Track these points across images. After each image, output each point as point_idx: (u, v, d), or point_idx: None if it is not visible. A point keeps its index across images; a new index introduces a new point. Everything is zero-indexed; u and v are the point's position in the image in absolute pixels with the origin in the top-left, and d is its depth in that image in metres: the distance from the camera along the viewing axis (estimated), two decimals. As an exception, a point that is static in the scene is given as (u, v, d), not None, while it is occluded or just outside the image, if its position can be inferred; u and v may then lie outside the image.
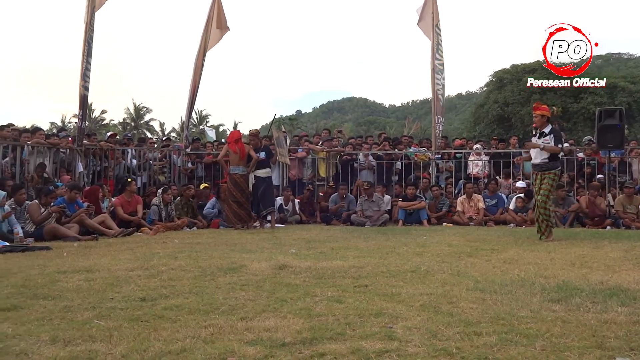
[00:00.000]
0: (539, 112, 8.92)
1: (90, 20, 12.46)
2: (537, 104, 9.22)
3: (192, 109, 16.46)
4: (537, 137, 8.88)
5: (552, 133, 8.79)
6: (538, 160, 8.84)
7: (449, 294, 4.25)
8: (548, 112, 8.99)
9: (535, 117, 8.96)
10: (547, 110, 9.01)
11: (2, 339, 3.10)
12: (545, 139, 8.74)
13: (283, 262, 5.79)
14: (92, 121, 54.32)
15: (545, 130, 8.82)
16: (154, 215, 11.56)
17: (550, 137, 8.73)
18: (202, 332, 3.22)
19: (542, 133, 8.83)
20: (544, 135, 8.80)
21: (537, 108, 9.05)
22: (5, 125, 12.47)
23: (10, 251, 7.45)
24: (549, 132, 8.79)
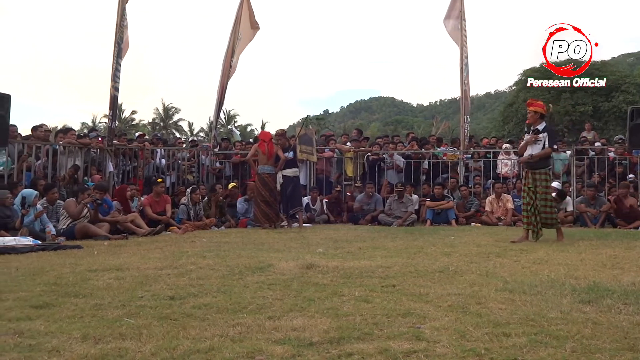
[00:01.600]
0: (533, 109, 8.67)
1: (121, 21, 12.60)
2: (531, 100, 8.97)
3: (220, 109, 16.56)
4: (530, 135, 8.61)
5: (546, 131, 8.53)
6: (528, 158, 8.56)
7: (478, 295, 4.22)
8: (543, 108, 8.74)
9: (529, 114, 8.72)
10: (542, 107, 8.76)
11: (35, 335, 3.15)
12: (539, 137, 8.48)
13: (310, 261, 5.80)
14: (122, 121, 54.95)
15: (539, 127, 8.55)
16: (182, 214, 11.65)
17: (544, 136, 8.45)
18: (230, 330, 3.23)
19: (535, 130, 8.55)
20: (537, 133, 8.52)
21: (532, 104, 8.81)
22: (37, 126, 12.67)
23: (42, 249, 7.57)
24: (542, 129, 8.53)
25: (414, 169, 14.30)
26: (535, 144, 8.44)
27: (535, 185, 8.44)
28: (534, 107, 8.70)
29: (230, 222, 12.29)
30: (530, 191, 8.49)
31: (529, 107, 8.77)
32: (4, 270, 5.67)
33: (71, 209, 9.62)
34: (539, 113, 8.63)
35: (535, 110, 8.64)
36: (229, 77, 15.28)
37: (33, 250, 7.46)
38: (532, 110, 8.67)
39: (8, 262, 6.30)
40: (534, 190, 8.44)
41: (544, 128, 8.55)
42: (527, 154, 8.56)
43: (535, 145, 8.45)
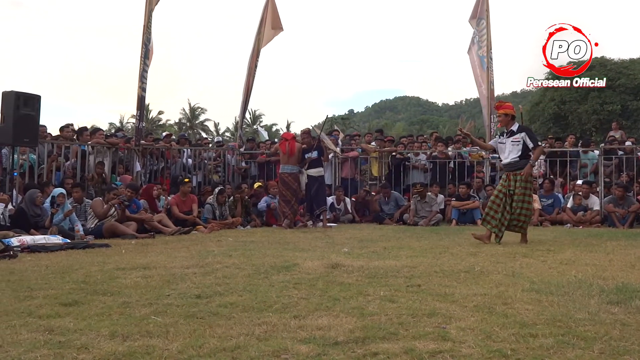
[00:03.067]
0: (502, 111, 8.41)
1: (148, 22, 12.73)
2: (499, 102, 8.69)
3: (245, 109, 16.64)
4: (505, 137, 8.35)
5: (523, 131, 8.29)
6: (508, 159, 8.29)
7: (504, 295, 4.19)
8: (512, 110, 8.46)
9: (499, 117, 8.49)
10: (511, 109, 8.47)
11: (65, 332, 3.20)
12: (516, 138, 8.19)
13: (336, 261, 5.80)
14: (149, 121, 55.44)
15: (513, 128, 8.29)
16: (208, 214, 11.72)
17: (522, 135, 8.17)
18: (256, 329, 3.25)
19: (510, 132, 8.29)
20: (512, 134, 8.25)
21: (500, 107, 8.56)
22: (65, 126, 12.86)
23: (71, 248, 7.68)
24: (517, 130, 8.27)
25: (440, 169, 14.23)
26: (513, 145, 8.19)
27: (515, 187, 8.15)
28: (503, 109, 8.44)
29: (255, 221, 12.34)
30: (504, 194, 8.23)
31: (498, 110, 8.55)
32: (34, 268, 5.77)
33: (98, 208, 9.74)
34: (510, 115, 8.36)
35: (505, 112, 8.38)
36: (254, 77, 15.35)
37: (62, 249, 7.57)
38: (502, 113, 8.42)
39: (38, 260, 6.40)
40: (512, 193, 8.16)
41: (519, 128, 8.33)
42: (506, 157, 8.32)
43: (514, 147, 8.20)
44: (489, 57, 14.31)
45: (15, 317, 3.56)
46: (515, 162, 8.19)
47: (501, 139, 8.46)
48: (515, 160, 8.20)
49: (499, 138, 8.61)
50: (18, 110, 9.46)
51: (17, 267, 5.89)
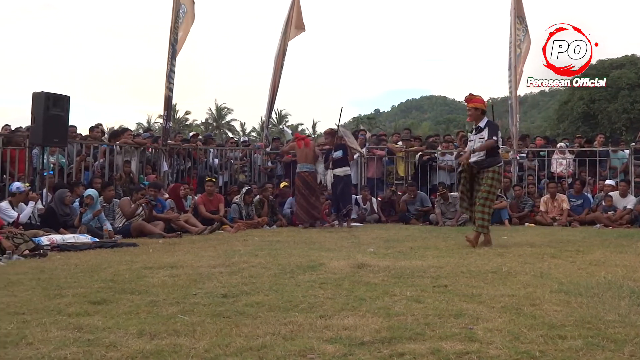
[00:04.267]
0: (472, 105, 7.98)
1: (175, 23, 12.83)
2: (470, 95, 8.18)
3: (272, 109, 16.69)
4: (473, 134, 8.06)
5: (488, 126, 7.90)
6: (474, 157, 7.90)
7: (532, 296, 4.15)
8: (483, 104, 8.12)
9: (469, 111, 8.07)
10: (482, 102, 8.10)
11: (93, 330, 3.24)
12: (482, 134, 7.85)
13: (362, 260, 5.80)
14: (176, 121, 55.89)
15: (481, 124, 7.93)
16: (234, 213, 11.78)
17: (486, 131, 7.83)
18: (282, 329, 3.26)
19: (478, 128, 7.96)
20: (480, 131, 7.90)
21: (470, 100, 8.06)
22: (94, 126, 13.01)
23: (100, 247, 7.77)
24: (484, 125, 7.90)
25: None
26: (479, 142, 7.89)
27: (480, 183, 7.86)
28: (473, 103, 8.03)
29: (281, 221, 12.37)
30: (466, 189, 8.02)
31: (468, 103, 8.10)
32: (63, 266, 5.85)
33: (125, 208, 9.84)
34: (480, 109, 8.03)
35: (475, 106, 8.01)
36: (280, 77, 15.39)
37: (91, 248, 7.67)
38: (471, 107, 8.02)
39: (68, 259, 6.49)
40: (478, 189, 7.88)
41: (486, 124, 7.95)
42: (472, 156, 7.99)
43: (479, 144, 7.90)
44: (516, 55, 14.18)
45: (45, 315, 3.62)
46: (482, 161, 7.83)
47: (470, 136, 8.19)
48: (481, 159, 7.84)
49: (469, 135, 8.33)
50: (48, 111, 9.60)
51: (47, 265, 5.98)
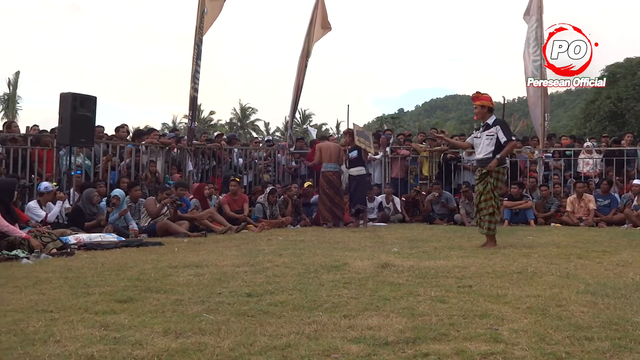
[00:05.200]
0: (479, 103, 7.85)
1: (200, 24, 12.90)
2: (477, 93, 8.04)
3: (296, 109, 16.72)
4: (480, 131, 7.87)
5: (498, 124, 7.73)
6: (481, 155, 7.78)
7: (558, 297, 4.11)
8: (490, 101, 7.96)
9: (475, 109, 7.94)
10: (489, 100, 7.94)
11: (120, 329, 3.27)
12: (490, 131, 7.69)
13: (385, 260, 5.79)
14: (201, 121, 56.23)
15: (489, 121, 7.77)
16: (258, 213, 11.82)
17: (496, 129, 7.66)
18: (306, 328, 3.27)
19: (486, 125, 7.80)
20: (487, 128, 7.75)
21: (477, 98, 7.94)
22: (120, 126, 13.14)
23: (126, 246, 7.85)
24: (492, 123, 7.74)
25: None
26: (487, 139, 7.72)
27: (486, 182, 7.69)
28: (480, 100, 7.89)
29: (305, 220, 12.39)
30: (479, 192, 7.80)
31: (475, 101, 7.98)
32: (90, 265, 5.92)
33: (151, 207, 9.93)
34: (487, 107, 7.88)
35: (482, 104, 7.86)
36: (304, 77, 15.41)
37: (117, 247, 7.74)
38: (478, 105, 7.88)
39: (94, 258, 6.56)
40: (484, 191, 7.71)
41: (494, 121, 7.78)
42: (479, 152, 7.87)
43: (488, 141, 7.73)
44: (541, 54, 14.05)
45: (73, 313, 3.66)
46: (488, 159, 7.67)
47: (477, 133, 8.03)
48: (488, 157, 7.69)
49: (475, 132, 8.19)
50: (75, 111, 9.72)
51: (74, 264, 6.05)
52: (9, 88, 45.62)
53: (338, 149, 11.94)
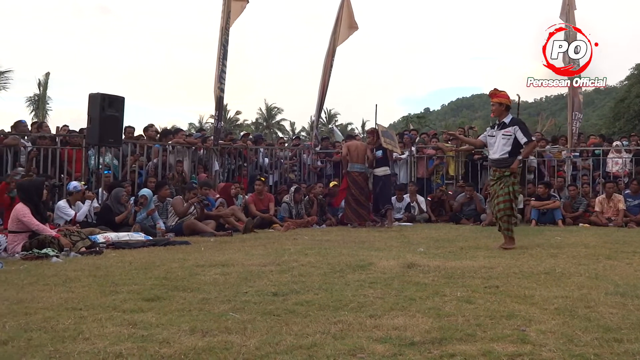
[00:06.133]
0: (497, 100, 7.67)
1: (226, 24, 12.97)
2: (494, 90, 7.83)
3: (321, 109, 16.72)
4: (496, 129, 7.69)
5: (516, 124, 7.57)
6: (497, 155, 7.61)
7: (586, 298, 4.06)
8: (508, 99, 7.77)
9: (493, 106, 7.74)
10: (506, 98, 7.77)
11: (147, 327, 3.31)
12: (507, 131, 7.52)
13: (411, 260, 5.77)
14: (227, 121, 56.48)
15: (505, 120, 7.60)
16: (284, 212, 11.86)
17: (514, 129, 7.48)
18: (331, 328, 3.27)
19: (502, 124, 7.62)
20: (504, 127, 7.57)
21: (495, 95, 7.75)
22: (148, 126, 13.26)
23: (153, 245, 7.93)
24: (510, 122, 7.57)
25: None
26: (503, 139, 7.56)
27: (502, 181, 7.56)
28: (498, 98, 7.71)
29: (331, 220, 12.40)
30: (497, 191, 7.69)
31: (492, 98, 7.77)
32: (118, 264, 5.99)
33: (178, 207, 10.01)
34: (504, 104, 7.70)
35: (499, 101, 7.68)
36: (329, 77, 15.40)
37: (145, 246, 7.82)
38: (496, 102, 7.70)
39: (122, 257, 6.64)
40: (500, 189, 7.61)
41: (511, 120, 7.63)
42: (494, 152, 7.69)
43: (504, 141, 7.54)
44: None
45: (101, 311, 3.71)
46: (504, 159, 7.55)
47: (491, 132, 7.84)
48: (504, 157, 7.56)
49: (488, 130, 8.00)
50: (103, 112, 9.84)
51: (103, 262, 6.12)
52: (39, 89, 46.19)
53: (365, 149, 11.93)
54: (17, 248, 6.91)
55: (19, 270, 5.64)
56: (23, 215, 7.02)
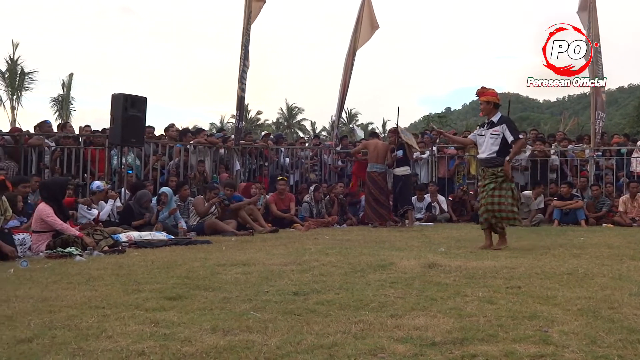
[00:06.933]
0: (484, 99, 7.51)
1: (247, 25, 13.03)
2: (482, 89, 7.65)
3: (342, 108, 16.72)
4: (485, 128, 7.56)
5: (504, 122, 7.40)
6: (485, 154, 7.50)
7: (610, 299, 4.01)
8: (496, 97, 7.57)
9: (481, 105, 7.59)
10: (494, 96, 7.57)
11: (169, 325, 3.33)
12: (495, 130, 7.38)
13: (432, 260, 5.75)
14: (248, 121, 56.67)
15: (494, 119, 7.44)
16: (305, 212, 11.88)
17: (502, 127, 7.33)
18: (352, 327, 3.27)
19: (490, 123, 7.48)
20: (492, 126, 7.43)
21: (483, 93, 7.58)
22: (169, 126, 13.36)
23: (175, 244, 7.99)
24: (498, 121, 7.41)
25: (541, 167, 13.77)
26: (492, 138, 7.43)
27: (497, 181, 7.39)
28: (486, 96, 7.54)
29: (351, 220, 12.40)
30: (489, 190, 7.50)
31: (480, 97, 7.61)
32: (141, 263, 6.04)
33: (200, 207, 10.07)
34: (492, 103, 7.51)
35: (487, 100, 7.51)
36: (350, 76, 15.40)
37: (167, 245, 7.89)
38: (484, 101, 7.55)
39: (145, 256, 6.69)
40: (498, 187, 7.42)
41: (500, 119, 7.46)
42: (483, 151, 7.57)
43: (492, 140, 7.42)
44: (595, 50, 13.75)
45: (124, 309, 3.74)
46: (492, 159, 7.43)
47: (480, 131, 7.73)
48: (492, 156, 7.45)
49: (478, 129, 7.90)
50: (126, 112, 9.93)
51: (125, 261, 6.18)
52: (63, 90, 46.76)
53: (385, 149, 11.89)
54: (42, 247, 7.01)
55: (43, 268, 5.71)
56: (46, 215, 7.11)
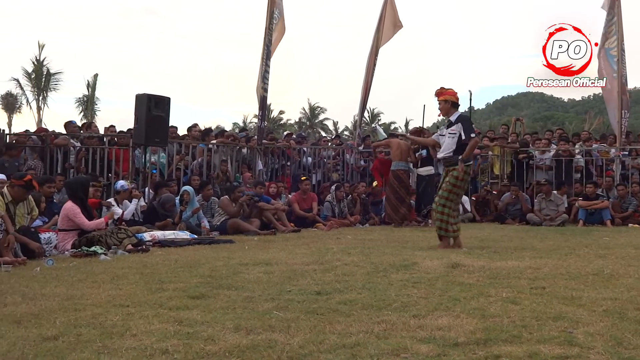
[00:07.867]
0: (442, 98, 7.40)
1: (269, 25, 13.06)
2: (441, 89, 7.52)
3: (364, 108, 16.69)
4: (445, 128, 7.47)
5: (460, 121, 7.30)
6: (443, 153, 7.40)
7: (636, 300, 3.96)
8: (454, 96, 7.46)
9: (439, 104, 7.47)
10: (453, 95, 7.46)
11: (192, 324, 3.35)
12: (452, 129, 7.28)
13: (455, 260, 5.71)
14: (270, 121, 56.79)
15: (452, 118, 7.36)
16: (327, 211, 11.88)
17: (458, 126, 7.23)
18: (375, 327, 3.26)
19: (449, 122, 7.41)
20: (450, 125, 7.35)
21: (441, 93, 7.47)
22: (193, 126, 13.44)
23: (198, 243, 8.03)
24: (455, 120, 7.33)
25: (566, 167, 13.63)
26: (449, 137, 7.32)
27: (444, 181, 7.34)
28: (444, 96, 7.43)
29: (374, 219, 12.37)
30: None
31: (439, 97, 7.49)
32: (164, 262, 6.08)
33: (229, 208, 10.08)
34: (450, 102, 7.40)
35: (445, 99, 7.40)
36: (373, 76, 15.36)
37: (190, 244, 7.94)
38: (442, 100, 7.43)
39: (168, 255, 6.74)
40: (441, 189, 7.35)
41: (457, 118, 7.37)
42: (441, 151, 7.46)
43: (450, 139, 7.31)
44: (620, 49, 13.56)
45: (148, 308, 3.77)
46: (450, 157, 7.30)
47: (441, 130, 7.67)
48: (449, 155, 7.32)
49: (440, 129, 7.82)
50: (150, 112, 9.99)
51: (149, 260, 6.23)
52: (88, 90, 47.32)
53: (408, 148, 11.84)
54: (67, 246, 7.11)
55: (69, 267, 5.78)
56: (74, 216, 7.23)
